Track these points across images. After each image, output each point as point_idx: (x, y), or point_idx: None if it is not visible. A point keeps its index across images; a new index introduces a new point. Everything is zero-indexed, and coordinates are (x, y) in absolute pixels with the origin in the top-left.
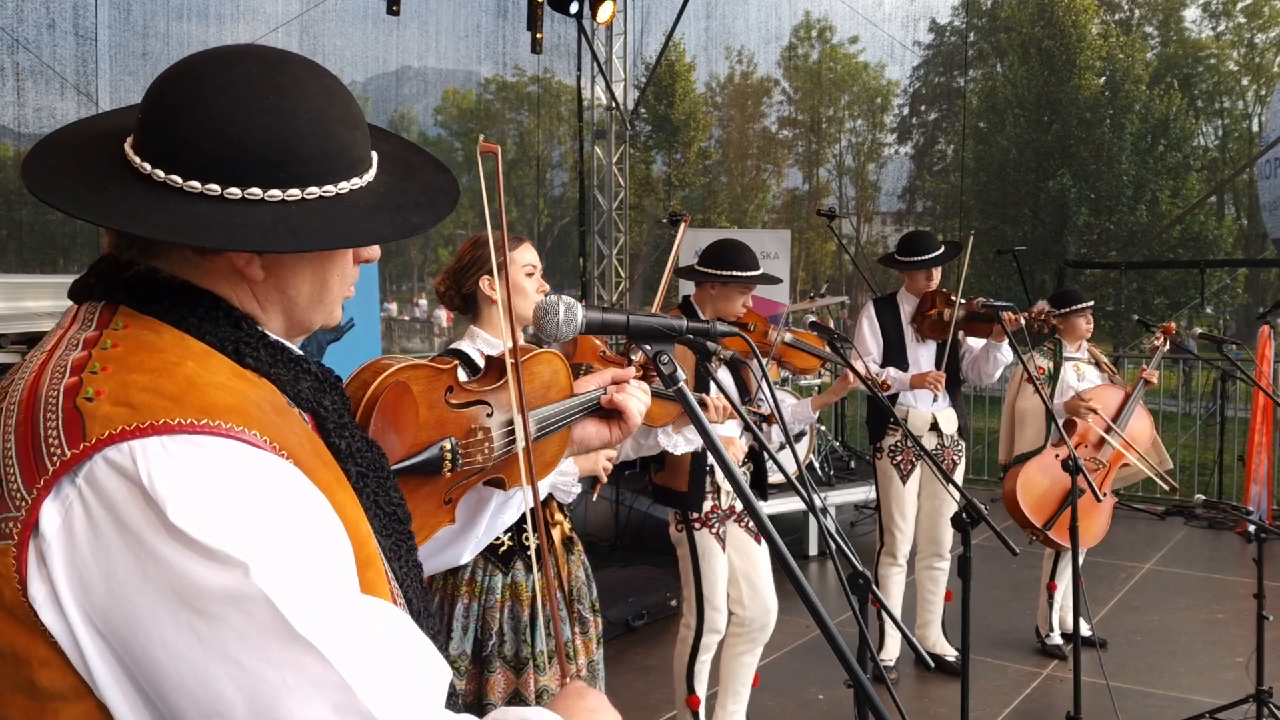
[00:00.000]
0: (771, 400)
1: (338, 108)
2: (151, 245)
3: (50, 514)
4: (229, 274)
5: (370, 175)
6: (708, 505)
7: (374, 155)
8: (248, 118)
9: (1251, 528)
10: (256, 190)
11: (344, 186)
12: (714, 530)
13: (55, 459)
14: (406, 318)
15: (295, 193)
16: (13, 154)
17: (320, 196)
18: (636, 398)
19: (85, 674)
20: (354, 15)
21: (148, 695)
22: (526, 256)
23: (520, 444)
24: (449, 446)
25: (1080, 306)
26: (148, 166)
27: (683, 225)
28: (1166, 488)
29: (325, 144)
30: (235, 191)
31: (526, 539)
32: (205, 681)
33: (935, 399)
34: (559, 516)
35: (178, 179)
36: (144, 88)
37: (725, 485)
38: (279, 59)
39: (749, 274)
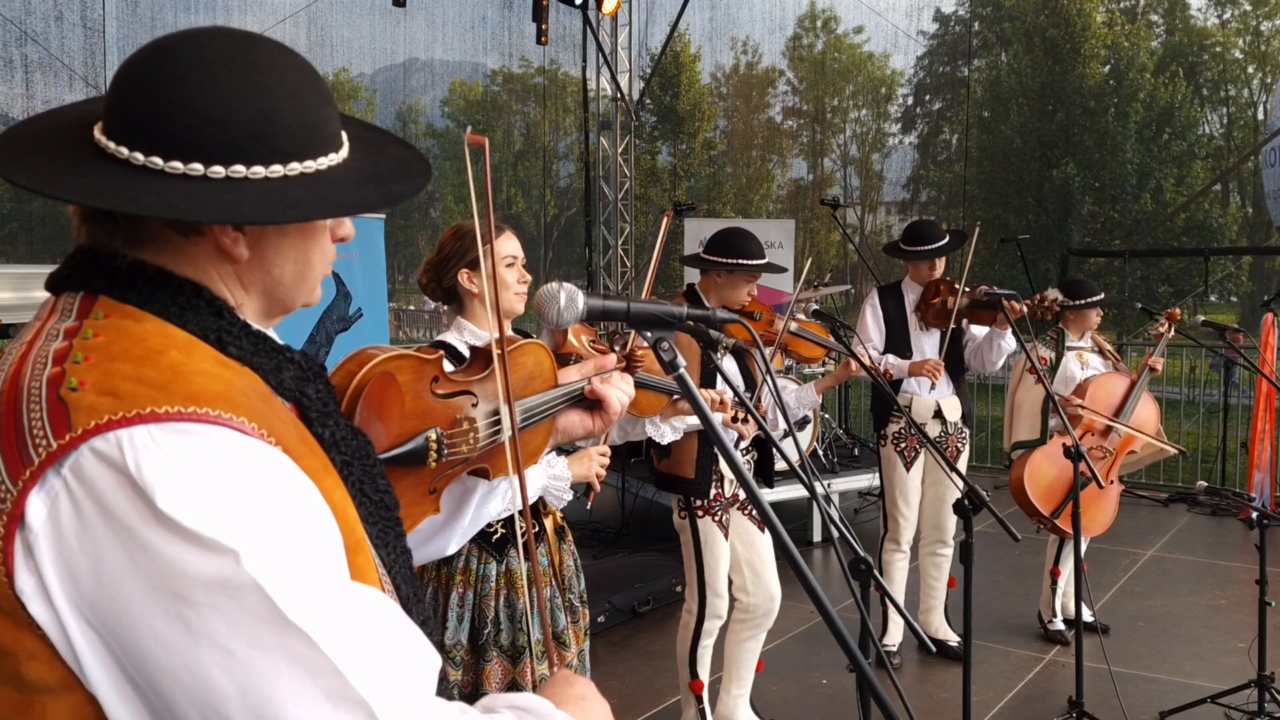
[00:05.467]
0: (774, 390)
1: (310, 83)
2: (136, 233)
3: (36, 505)
4: (213, 257)
5: (345, 153)
6: (711, 492)
7: (344, 135)
8: (227, 94)
9: (1254, 514)
10: (240, 168)
11: (323, 163)
12: (716, 517)
13: (41, 450)
14: (412, 308)
15: (278, 169)
16: None
17: (302, 173)
18: (618, 389)
19: (74, 666)
20: (361, 7)
21: (139, 686)
22: (507, 247)
23: (506, 434)
24: (434, 436)
25: (1094, 300)
26: (125, 150)
27: (665, 218)
28: (1173, 451)
29: (303, 119)
30: (219, 170)
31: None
32: (195, 670)
33: (933, 387)
34: (551, 506)
35: (158, 160)
36: None
37: (729, 472)
38: (249, 37)
39: (754, 262)
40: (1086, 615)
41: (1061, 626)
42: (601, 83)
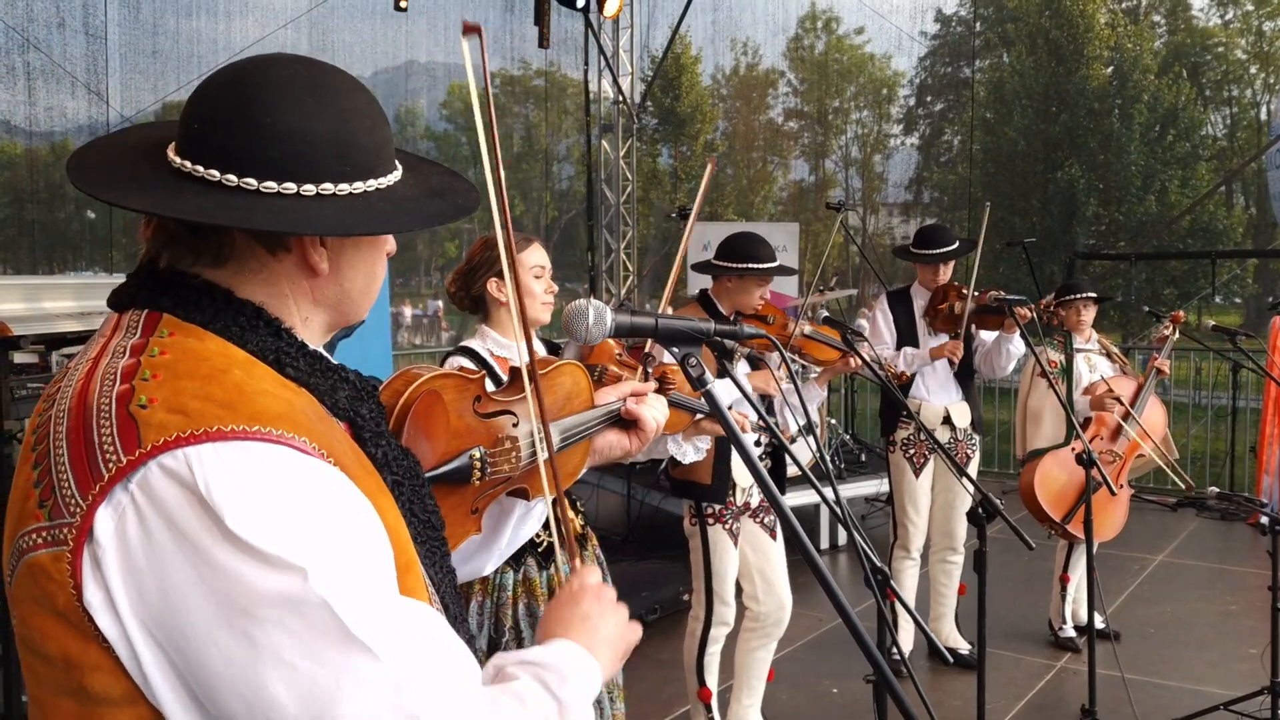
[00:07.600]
0: (797, 392)
1: (375, 105)
2: (221, 252)
3: (104, 520)
4: (294, 273)
5: (400, 171)
6: (724, 500)
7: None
8: (312, 116)
9: (1264, 519)
10: (328, 185)
11: (387, 180)
12: (727, 525)
13: (111, 465)
14: (408, 310)
15: (359, 185)
16: (22, 151)
17: (377, 189)
18: (653, 409)
19: (139, 679)
20: (362, 10)
21: (199, 700)
22: (535, 258)
23: (542, 455)
24: (478, 455)
25: (1072, 297)
26: (215, 173)
27: (710, 164)
28: (1183, 485)
29: (374, 138)
30: (310, 188)
31: (537, 536)
32: (257, 685)
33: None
34: (570, 513)
35: (252, 181)
36: (154, 85)
37: (741, 482)
38: (313, 61)
39: (766, 266)
40: (1098, 622)
41: (1072, 633)
42: (603, 85)
